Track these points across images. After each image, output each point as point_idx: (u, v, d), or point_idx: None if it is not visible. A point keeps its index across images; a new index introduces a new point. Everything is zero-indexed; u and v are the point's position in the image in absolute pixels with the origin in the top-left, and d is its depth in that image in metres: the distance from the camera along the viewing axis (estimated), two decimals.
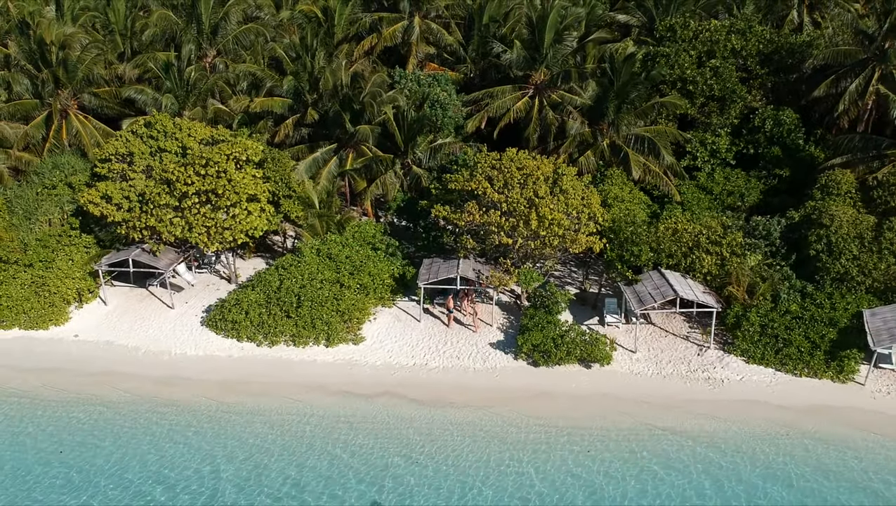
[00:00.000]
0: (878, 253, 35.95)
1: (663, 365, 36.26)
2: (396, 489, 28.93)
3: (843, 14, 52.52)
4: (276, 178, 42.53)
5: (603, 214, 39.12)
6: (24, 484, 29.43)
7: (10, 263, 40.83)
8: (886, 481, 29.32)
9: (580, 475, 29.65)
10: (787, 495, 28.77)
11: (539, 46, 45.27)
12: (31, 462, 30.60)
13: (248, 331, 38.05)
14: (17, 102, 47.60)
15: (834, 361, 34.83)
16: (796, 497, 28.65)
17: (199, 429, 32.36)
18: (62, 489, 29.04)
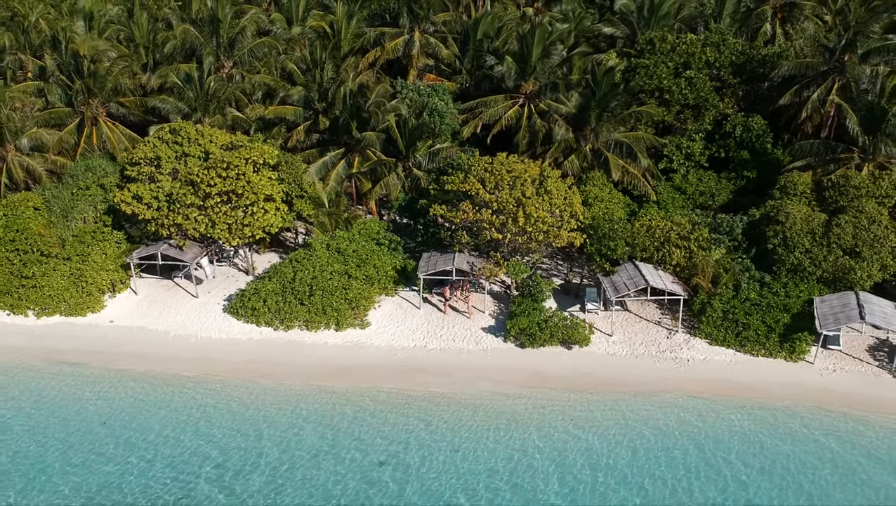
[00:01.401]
0: (828, 247, 40.33)
1: (636, 347, 40.73)
2: (410, 442, 33.41)
3: (807, 28, 56.94)
4: (289, 179, 47.05)
5: (583, 212, 43.59)
6: (91, 443, 33.95)
7: (51, 257, 45.39)
8: (826, 439, 33.73)
9: (555, 432, 34.10)
10: (743, 451, 33.17)
11: (528, 60, 49.69)
12: (94, 425, 35.13)
13: (265, 317, 42.55)
14: (52, 110, 52.08)
15: (787, 343, 39.29)
16: (751, 454, 33.03)
17: (236, 399, 36.87)
18: (126, 448, 33.59)
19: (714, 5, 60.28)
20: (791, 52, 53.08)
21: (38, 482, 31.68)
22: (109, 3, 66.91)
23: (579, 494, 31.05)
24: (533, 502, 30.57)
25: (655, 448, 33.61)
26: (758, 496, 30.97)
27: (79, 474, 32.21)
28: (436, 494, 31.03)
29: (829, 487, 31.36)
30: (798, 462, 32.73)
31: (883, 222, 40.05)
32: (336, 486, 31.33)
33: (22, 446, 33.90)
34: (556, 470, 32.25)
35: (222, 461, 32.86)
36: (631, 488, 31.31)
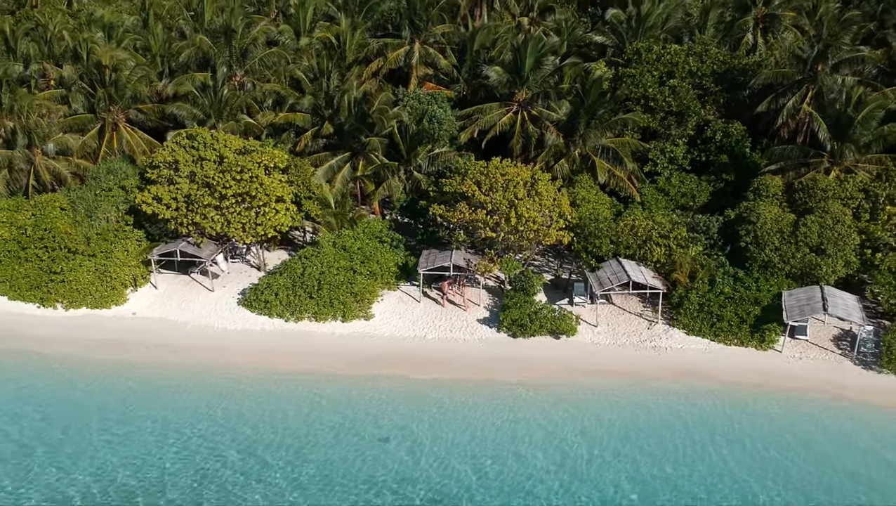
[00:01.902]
0: (795, 245, 43.76)
1: (619, 336, 44.21)
2: (411, 424, 36.87)
3: (787, 38, 60.39)
4: (298, 182, 50.57)
5: (571, 212, 47.05)
6: (131, 421, 37.61)
7: (77, 254, 48.89)
8: (791, 418, 37.18)
9: (544, 409, 37.54)
10: (716, 428, 36.63)
11: (521, 70, 53.10)
12: (135, 405, 38.77)
13: (277, 309, 46.03)
14: (76, 116, 55.57)
15: (757, 333, 42.75)
16: (723, 430, 36.53)
17: (256, 381, 40.46)
18: (163, 425, 37.21)
19: (699, 16, 63.75)
20: (771, 61, 56.52)
21: (88, 453, 35.23)
22: (125, 13, 70.55)
23: (564, 462, 34.44)
24: (526, 468, 33.98)
25: (636, 425, 37.01)
26: (729, 464, 34.37)
27: (124, 445, 35.78)
28: (432, 464, 34.45)
29: (792, 457, 34.77)
30: (763, 437, 36.13)
31: (846, 222, 43.45)
32: (350, 458, 34.76)
33: (69, 422, 37.34)
34: (546, 442, 35.70)
35: (253, 436, 36.40)
36: (608, 455, 34.72)
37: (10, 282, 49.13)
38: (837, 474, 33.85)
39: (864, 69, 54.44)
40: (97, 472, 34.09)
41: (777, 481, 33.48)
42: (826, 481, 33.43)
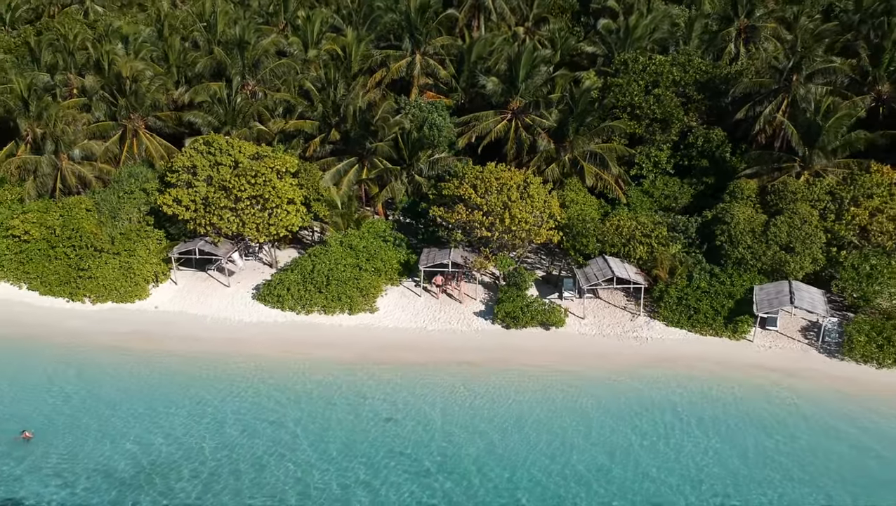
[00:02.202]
0: (766, 243, 47.51)
1: (604, 328, 48.01)
2: (411, 406, 40.66)
3: (764, 50, 64.12)
4: (307, 185, 54.38)
5: (560, 213, 50.84)
6: (172, 398, 41.58)
7: (103, 252, 52.71)
8: (755, 399, 40.90)
9: (538, 400, 41.30)
10: (689, 408, 40.41)
11: (515, 80, 56.88)
12: (169, 385, 42.73)
13: (289, 303, 49.84)
14: (98, 124, 59.33)
15: (731, 324, 46.51)
16: (696, 409, 40.30)
17: (273, 368, 44.38)
18: (197, 403, 41.18)
19: (684, 27, 67.54)
20: (750, 71, 60.17)
21: (134, 427, 39.24)
22: (141, 24, 74.34)
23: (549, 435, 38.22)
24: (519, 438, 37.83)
25: (618, 404, 40.78)
26: (699, 437, 38.16)
27: (167, 420, 39.93)
28: (435, 437, 38.24)
29: (757, 434, 38.47)
30: (734, 417, 39.83)
31: (813, 222, 47.22)
32: (355, 435, 38.54)
33: (114, 400, 41.32)
34: (534, 417, 39.44)
35: (280, 412, 40.41)
36: (592, 430, 38.49)
37: (41, 278, 53.02)
38: (800, 449, 37.50)
39: (836, 79, 58.16)
40: (143, 442, 37.94)
41: (739, 453, 37.20)
42: (789, 454, 37.10)
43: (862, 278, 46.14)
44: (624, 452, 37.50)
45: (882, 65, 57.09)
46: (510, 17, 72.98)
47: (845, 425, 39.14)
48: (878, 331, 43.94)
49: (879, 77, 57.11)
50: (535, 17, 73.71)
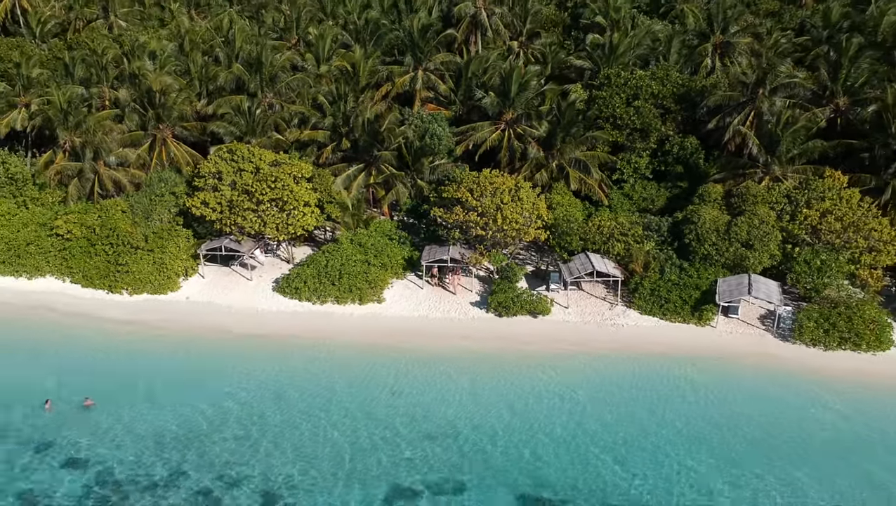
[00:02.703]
0: (729, 241, 53.58)
1: (585, 316, 54.13)
2: (414, 381, 46.77)
3: (738, 64, 70.15)
4: (321, 189, 60.52)
5: (547, 214, 56.96)
6: (216, 370, 47.70)
7: (138, 249, 58.83)
8: (714, 376, 46.92)
9: (526, 380, 47.37)
10: (658, 383, 46.43)
11: (508, 94, 62.99)
12: (206, 367, 48.66)
13: (305, 294, 55.98)
14: (131, 133, 65.53)
15: (697, 313, 52.61)
16: (663, 384, 46.32)
17: (293, 348, 50.56)
18: (222, 378, 46.91)
19: (664, 43, 73.66)
20: (723, 84, 66.18)
21: (188, 393, 45.23)
22: (164, 39, 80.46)
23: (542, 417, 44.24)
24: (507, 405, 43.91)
25: (602, 384, 46.74)
26: (668, 406, 44.19)
27: (216, 383, 46.25)
28: (436, 404, 44.34)
29: (714, 405, 44.44)
30: (696, 391, 45.79)
31: (770, 222, 53.30)
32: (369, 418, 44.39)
33: (168, 373, 47.41)
34: (523, 392, 45.48)
35: (305, 384, 46.65)
36: (589, 416, 44.52)
37: (83, 272, 59.19)
38: (751, 416, 43.46)
39: (799, 92, 64.24)
40: (187, 407, 44.14)
41: (698, 418, 43.23)
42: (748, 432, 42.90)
43: (813, 272, 52.22)
44: (597, 413, 43.61)
45: (840, 80, 63.04)
46: (505, 33, 79.13)
47: (791, 395, 45.18)
48: (825, 318, 49.99)
49: (837, 91, 63.06)
50: (528, 33, 79.79)
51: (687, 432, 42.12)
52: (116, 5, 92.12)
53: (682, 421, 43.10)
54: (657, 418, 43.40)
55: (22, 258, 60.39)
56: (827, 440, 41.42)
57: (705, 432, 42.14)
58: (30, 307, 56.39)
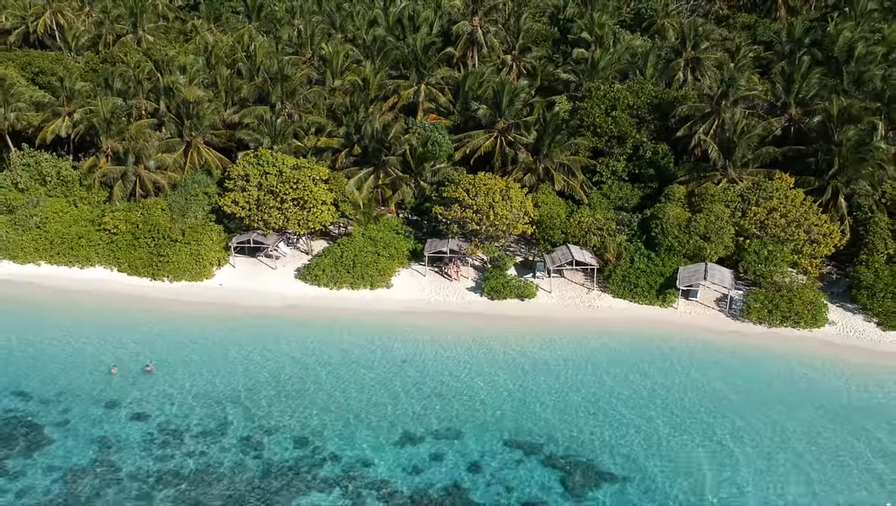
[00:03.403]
0: (689, 234, 62.13)
1: (566, 299, 62.73)
2: (420, 351, 55.33)
3: (708, 77, 78.70)
4: (336, 189, 69.09)
5: (534, 212, 65.55)
6: (254, 342, 56.04)
7: (176, 242, 67.38)
8: (677, 348, 55.50)
9: (514, 352, 55.96)
10: (628, 352, 54.96)
11: (500, 106, 71.57)
12: (245, 338, 57.13)
13: (324, 281, 64.57)
14: (168, 140, 74.11)
15: (661, 296, 61.18)
16: (633, 356, 54.79)
17: (314, 325, 59.08)
18: (259, 345, 55.41)
19: (642, 58, 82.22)
20: (692, 96, 74.72)
21: (225, 364, 53.73)
22: (190, 53, 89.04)
23: (528, 381, 52.79)
24: (496, 369, 52.47)
25: (578, 355, 55.30)
26: (635, 371, 52.68)
27: (248, 357, 54.53)
28: (437, 369, 52.88)
29: (675, 368, 53.01)
30: (660, 358, 54.33)
31: (724, 218, 61.85)
32: (383, 381, 52.99)
33: (210, 345, 55.91)
34: (510, 359, 54.05)
35: (326, 353, 55.17)
36: (566, 380, 53.06)
37: (128, 262, 67.77)
38: (701, 378, 52.05)
39: (757, 104, 72.85)
40: (234, 372, 52.56)
41: (654, 377, 51.83)
42: (699, 388, 51.48)
43: (761, 261, 60.77)
44: (572, 375, 52.26)
45: (793, 93, 71.55)
46: (499, 49, 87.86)
47: (737, 361, 53.83)
48: (769, 300, 58.56)
49: (790, 103, 71.59)
50: (520, 47, 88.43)
51: (642, 388, 50.89)
52: (144, 21, 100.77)
53: (646, 380, 51.83)
54: (624, 377, 52.02)
55: (74, 250, 69.04)
56: (749, 394, 50.18)
57: (657, 386, 50.92)
58: (84, 292, 65.03)
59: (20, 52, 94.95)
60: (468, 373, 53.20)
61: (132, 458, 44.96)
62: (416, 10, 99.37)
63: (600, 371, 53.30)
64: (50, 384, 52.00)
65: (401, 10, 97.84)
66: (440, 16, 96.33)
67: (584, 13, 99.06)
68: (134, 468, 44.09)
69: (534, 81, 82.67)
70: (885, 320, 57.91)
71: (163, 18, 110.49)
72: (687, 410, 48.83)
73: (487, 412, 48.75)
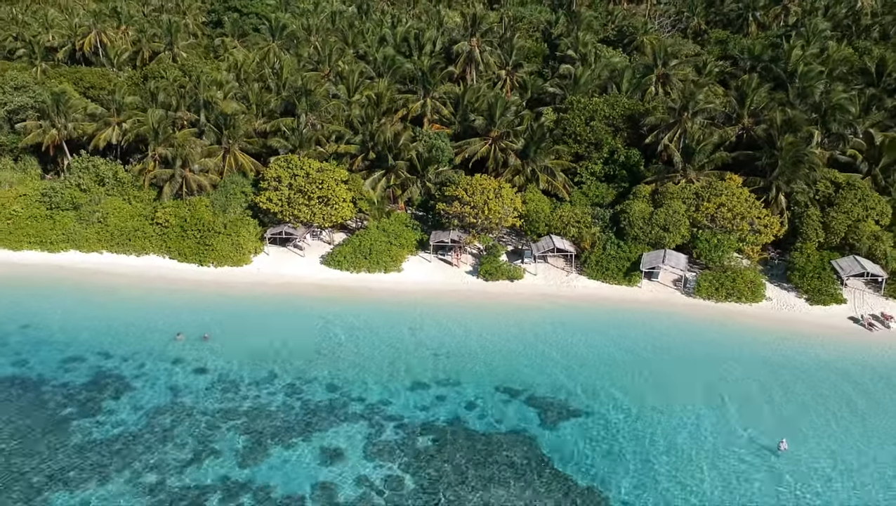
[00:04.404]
0: (651, 225, 74.11)
1: (549, 280, 74.78)
2: (426, 321, 67.30)
3: (674, 92, 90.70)
4: (354, 189, 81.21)
5: (522, 207, 77.64)
6: (297, 312, 68.03)
7: (219, 234, 79.51)
8: (640, 318, 67.43)
9: (504, 321, 67.95)
10: (600, 321, 66.88)
11: (493, 117, 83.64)
12: (284, 309, 69.18)
13: (345, 265, 76.69)
14: (209, 147, 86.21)
15: (627, 277, 73.19)
16: (603, 324, 66.74)
17: (339, 300, 71.00)
18: (311, 311, 67.30)
19: (619, 74, 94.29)
20: (660, 108, 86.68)
21: (267, 329, 65.71)
22: (223, 70, 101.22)
23: (515, 342, 64.71)
24: (489, 334, 64.38)
25: (557, 323, 67.24)
26: (603, 335, 64.58)
27: (288, 324, 66.21)
28: (442, 335, 64.83)
29: (640, 336, 64.92)
30: (628, 331, 66.17)
31: (681, 212, 73.80)
32: (397, 343, 64.96)
33: (250, 313, 67.89)
34: (500, 326, 66.01)
35: (350, 320, 66.94)
36: (546, 342, 64.98)
37: (178, 251, 79.91)
38: (662, 344, 63.96)
39: (716, 115, 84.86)
40: (275, 336, 64.34)
41: (617, 339, 63.76)
42: (653, 348, 63.42)
43: (711, 248, 72.70)
44: (551, 338, 64.15)
45: (746, 105, 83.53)
46: (494, 65, 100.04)
47: (688, 326, 65.84)
48: (717, 280, 70.50)
49: (743, 114, 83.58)
50: (513, 63, 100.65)
51: (607, 346, 62.94)
52: (178, 39, 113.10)
53: (612, 342, 63.85)
54: (594, 340, 64.12)
55: (132, 241, 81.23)
56: (696, 352, 62.16)
57: (623, 344, 62.95)
58: (142, 276, 77.23)
59: (71, 69, 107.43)
60: (466, 337, 65.21)
61: (199, 400, 57.01)
62: (420, 28, 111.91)
63: (575, 334, 65.25)
64: (127, 347, 64.14)
65: (407, 30, 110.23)
66: (442, 32, 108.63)
67: (571, 31, 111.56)
68: (202, 407, 56.09)
69: (525, 94, 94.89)
70: (813, 296, 69.84)
71: (192, 36, 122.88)
72: (642, 359, 60.85)
73: (481, 367, 60.78)
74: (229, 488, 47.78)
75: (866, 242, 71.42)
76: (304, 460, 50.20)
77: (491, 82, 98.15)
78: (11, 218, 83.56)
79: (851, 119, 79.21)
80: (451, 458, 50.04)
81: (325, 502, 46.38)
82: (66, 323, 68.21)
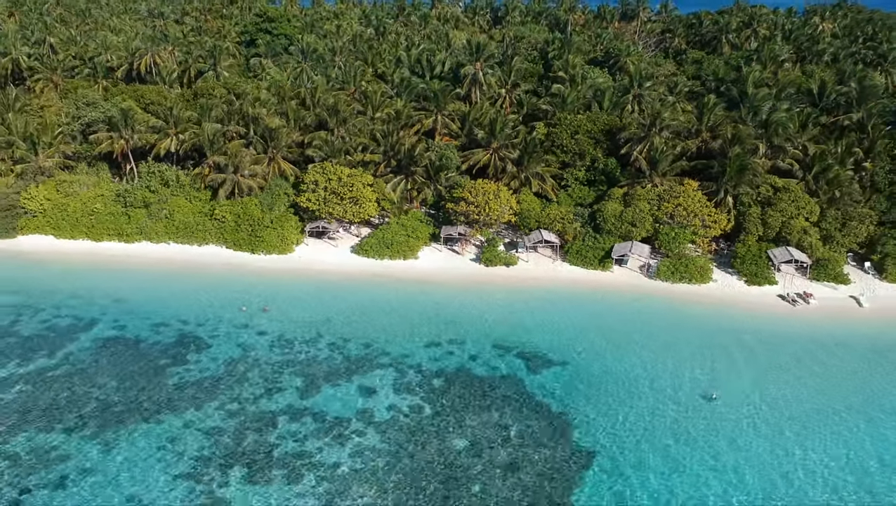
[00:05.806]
0: (621, 222, 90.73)
1: (538, 266, 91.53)
2: (433, 298, 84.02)
3: (647, 109, 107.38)
4: (377, 191, 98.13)
5: (517, 207, 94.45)
6: (331, 291, 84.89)
7: (267, 228, 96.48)
8: (610, 295, 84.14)
9: (500, 297, 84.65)
10: (580, 300, 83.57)
11: (494, 131, 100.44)
12: (323, 290, 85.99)
13: (371, 254, 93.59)
14: (256, 156, 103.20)
15: (602, 264, 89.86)
16: (581, 299, 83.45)
17: (366, 282, 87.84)
18: (322, 297, 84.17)
19: (602, 93, 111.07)
20: (633, 123, 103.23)
21: (313, 303, 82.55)
22: (264, 89, 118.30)
23: (509, 313, 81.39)
24: (491, 310, 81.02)
25: (543, 299, 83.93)
26: (580, 307, 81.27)
27: (336, 296, 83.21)
28: (450, 310, 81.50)
29: (609, 310, 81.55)
30: (599, 306, 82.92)
31: (646, 211, 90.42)
32: (415, 314, 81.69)
33: (298, 289, 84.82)
34: (497, 301, 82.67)
35: (376, 298, 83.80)
36: (534, 313, 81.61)
37: (233, 242, 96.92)
38: (626, 316, 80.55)
39: (680, 130, 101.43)
40: (320, 309, 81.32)
41: (592, 313, 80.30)
42: (618, 318, 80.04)
43: (670, 240, 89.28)
44: (538, 309, 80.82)
45: (704, 121, 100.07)
46: (495, 85, 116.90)
47: (649, 302, 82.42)
48: (673, 266, 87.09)
49: (702, 129, 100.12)
50: (511, 83, 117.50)
51: (583, 316, 79.69)
52: (221, 60, 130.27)
53: (586, 314, 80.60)
54: (572, 312, 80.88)
55: (193, 234, 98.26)
56: (652, 322, 78.76)
57: (595, 315, 79.63)
58: (204, 263, 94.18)
59: (131, 87, 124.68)
60: (470, 309, 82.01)
61: (264, 354, 73.94)
62: (431, 49, 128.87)
63: (557, 308, 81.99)
64: (201, 316, 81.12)
65: (420, 52, 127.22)
66: (451, 53, 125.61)
67: (563, 54, 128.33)
68: (266, 358, 73.02)
69: (521, 110, 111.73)
70: (750, 279, 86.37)
71: (232, 56, 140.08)
72: (609, 326, 77.54)
73: (483, 330, 77.55)
74: (294, 413, 64.63)
75: (797, 235, 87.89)
76: (348, 394, 67.08)
77: (492, 100, 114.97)
78: (93, 214, 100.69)
79: (790, 134, 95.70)
80: (458, 393, 66.86)
81: (366, 421, 63.19)
82: (149, 297, 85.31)
